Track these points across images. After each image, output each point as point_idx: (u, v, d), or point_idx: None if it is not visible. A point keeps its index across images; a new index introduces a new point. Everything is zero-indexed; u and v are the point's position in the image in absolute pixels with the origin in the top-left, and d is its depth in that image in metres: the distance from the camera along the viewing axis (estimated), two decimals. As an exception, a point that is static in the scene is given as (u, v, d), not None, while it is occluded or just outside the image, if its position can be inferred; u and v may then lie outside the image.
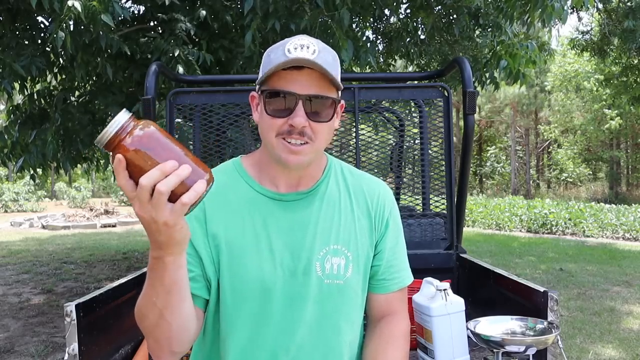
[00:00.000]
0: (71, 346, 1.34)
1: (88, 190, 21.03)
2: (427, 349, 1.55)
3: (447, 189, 2.34)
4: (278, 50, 1.01)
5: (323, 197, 1.12)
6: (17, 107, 5.11)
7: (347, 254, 1.10)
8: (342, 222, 1.12)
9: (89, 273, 7.12)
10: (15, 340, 4.31)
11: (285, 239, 1.08)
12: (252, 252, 1.06)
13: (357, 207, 1.15)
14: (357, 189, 1.17)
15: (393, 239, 1.19)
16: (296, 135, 1.00)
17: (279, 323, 1.06)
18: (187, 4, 4.41)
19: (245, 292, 1.06)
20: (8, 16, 4.19)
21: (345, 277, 1.10)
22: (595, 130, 21.48)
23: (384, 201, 1.18)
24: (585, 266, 7.26)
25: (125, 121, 0.79)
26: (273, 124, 1.02)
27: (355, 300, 1.14)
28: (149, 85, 2.14)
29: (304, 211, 1.10)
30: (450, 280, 1.71)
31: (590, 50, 10.83)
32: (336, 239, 1.10)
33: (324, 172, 1.15)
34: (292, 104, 1.00)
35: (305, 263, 1.07)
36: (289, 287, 1.07)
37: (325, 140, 1.06)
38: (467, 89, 2.12)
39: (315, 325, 1.08)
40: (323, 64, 0.99)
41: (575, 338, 4.23)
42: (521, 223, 11.78)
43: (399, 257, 1.20)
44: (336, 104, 1.05)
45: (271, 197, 1.09)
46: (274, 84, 1.01)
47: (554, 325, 1.38)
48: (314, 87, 1.00)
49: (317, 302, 1.08)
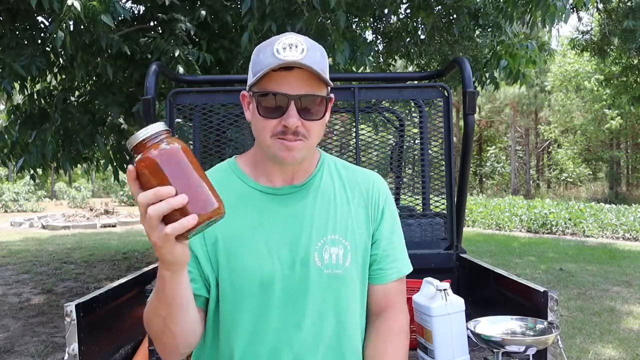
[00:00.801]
0: (71, 346, 1.34)
1: (88, 190, 21.03)
2: (427, 349, 1.55)
3: (447, 189, 2.34)
4: (267, 50, 1.02)
5: (317, 189, 1.14)
6: (17, 107, 5.11)
7: (345, 243, 1.11)
8: (338, 213, 1.13)
9: (89, 273, 7.12)
10: (15, 340, 4.31)
11: (282, 233, 1.09)
12: (250, 248, 1.07)
13: (353, 199, 1.16)
14: (352, 181, 1.18)
15: (389, 227, 1.19)
16: (290, 135, 1.02)
17: (280, 317, 1.07)
18: (187, 4, 4.41)
19: (245, 288, 1.07)
20: (8, 16, 4.19)
21: (345, 266, 1.10)
22: (595, 130, 21.48)
23: (378, 190, 1.19)
24: (585, 266, 7.26)
25: (156, 132, 0.80)
26: (266, 125, 1.03)
27: (355, 290, 1.14)
28: (149, 85, 2.14)
29: (298, 204, 1.11)
30: (450, 280, 1.71)
31: (590, 50, 10.83)
32: (333, 229, 1.11)
33: (317, 166, 1.17)
34: (284, 105, 1.01)
35: (302, 255, 1.08)
36: (289, 280, 1.07)
37: (318, 136, 1.08)
38: (467, 89, 2.12)
39: (317, 317, 1.08)
40: (312, 63, 1.00)
41: (575, 338, 4.23)
42: (521, 223, 11.78)
43: (396, 247, 1.20)
44: (327, 101, 1.07)
45: (265, 192, 1.11)
46: (264, 86, 1.03)
47: (554, 325, 1.38)
48: (304, 86, 1.02)
49: (318, 294, 1.08)
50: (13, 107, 5.12)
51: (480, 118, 26.50)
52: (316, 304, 1.08)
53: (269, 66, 0.99)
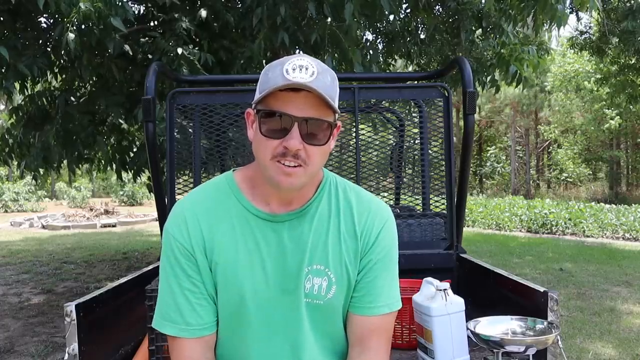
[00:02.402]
0: (71, 346, 1.34)
1: (88, 190, 21.05)
2: (427, 349, 1.55)
3: (447, 189, 2.34)
4: (276, 69, 1.00)
5: (314, 217, 1.11)
6: (18, 107, 5.11)
7: (329, 274, 1.10)
8: (329, 242, 1.11)
9: (89, 273, 7.12)
10: (15, 340, 4.31)
11: (277, 259, 1.09)
12: (246, 272, 1.08)
13: (345, 228, 1.12)
14: (347, 209, 1.14)
15: (377, 259, 1.13)
16: (290, 157, 0.99)
17: (280, 343, 1.10)
18: (188, 4, 4.41)
19: (240, 313, 1.09)
20: (10, 17, 4.19)
21: (326, 298, 1.10)
22: (595, 130, 21.46)
23: (372, 221, 1.13)
24: (585, 266, 7.26)
25: None
26: (268, 145, 1.01)
27: (337, 321, 1.14)
28: (149, 85, 2.14)
29: (294, 231, 1.10)
30: (450, 280, 1.71)
31: (589, 50, 10.83)
32: (320, 258, 1.09)
33: (317, 191, 1.13)
34: (288, 126, 0.99)
35: (295, 282, 1.09)
36: (284, 306, 1.09)
37: (320, 164, 1.05)
38: (467, 89, 2.12)
39: (313, 343, 1.12)
40: (321, 87, 0.97)
41: (575, 338, 4.23)
42: (521, 223, 11.78)
43: (380, 281, 1.13)
44: (332, 127, 1.04)
45: (263, 218, 1.09)
46: (270, 104, 1.00)
47: (554, 325, 1.38)
48: (310, 109, 0.99)
49: (306, 321, 1.11)
50: (14, 107, 5.12)
51: (480, 118, 26.48)
52: (305, 332, 1.11)
53: (276, 85, 0.97)
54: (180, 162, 2.51)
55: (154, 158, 2.20)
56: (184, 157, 2.55)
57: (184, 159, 2.55)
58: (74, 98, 5.14)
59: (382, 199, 2.63)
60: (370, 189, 2.51)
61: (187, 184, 2.51)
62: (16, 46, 3.97)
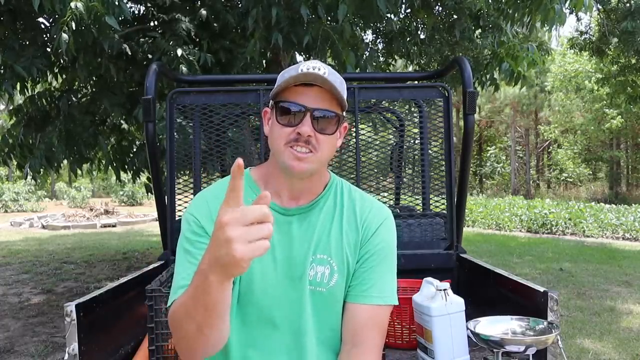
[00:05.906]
0: (71, 346, 1.34)
1: (88, 190, 21.06)
2: (427, 349, 1.55)
3: (447, 189, 2.34)
4: (292, 70, 1.14)
5: (321, 211, 1.22)
6: (19, 108, 5.11)
7: (331, 263, 1.18)
8: (333, 234, 1.20)
9: (89, 273, 7.12)
10: (15, 340, 4.31)
11: (286, 248, 1.17)
12: (257, 262, 1.13)
13: (347, 221, 1.22)
14: (351, 206, 1.24)
15: (374, 251, 1.21)
16: (302, 143, 1.11)
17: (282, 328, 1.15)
18: (187, 4, 4.41)
19: (246, 295, 1.15)
20: (9, 17, 4.19)
21: (329, 285, 1.17)
22: (595, 130, 21.47)
23: (373, 218, 1.23)
24: (585, 266, 7.26)
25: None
26: (282, 132, 1.13)
27: (338, 311, 1.20)
28: (149, 85, 2.14)
29: (302, 223, 1.20)
30: (450, 280, 1.71)
31: (589, 50, 10.83)
32: (323, 248, 1.18)
33: (325, 189, 1.24)
34: (301, 115, 1.12)
35: (300, 270, 1.17)
36: (288, 292, 1.15)
37: (329, 153, 1.17)
38: (467, 89, 2.12)
39: (313, 331, 1.16)
40: (332, 82, 1.10)
41: (575, 338, 4.23)
42: (521, 223, 11.78)
43: (375, 273, 1.19)
44: (340, 121, 1.16)
45: (276, 210, 1.18)
46: (286, 97, 1.14)
47: (554, 325, 1.38)
48: (321, 102, 1.12)
49: (309, 308, 1.16)
50: (14, 108, 5.11)
51: (480, 118, 26.49)
52: (309, 319, 1.16)
53: (292, 77, 1.11)
54: (180, 162, 2.51)
55: (154, 158, 2.20)
56: (183, 157, 2.54)
57: (183, 159, 2.55)
58: (75, 98, 5.14)
59: (382, 199, 2.63)
60: (370, 189, 2.51)
61: (187, 184, 2.51)
62: (14, 47, 3.97)
